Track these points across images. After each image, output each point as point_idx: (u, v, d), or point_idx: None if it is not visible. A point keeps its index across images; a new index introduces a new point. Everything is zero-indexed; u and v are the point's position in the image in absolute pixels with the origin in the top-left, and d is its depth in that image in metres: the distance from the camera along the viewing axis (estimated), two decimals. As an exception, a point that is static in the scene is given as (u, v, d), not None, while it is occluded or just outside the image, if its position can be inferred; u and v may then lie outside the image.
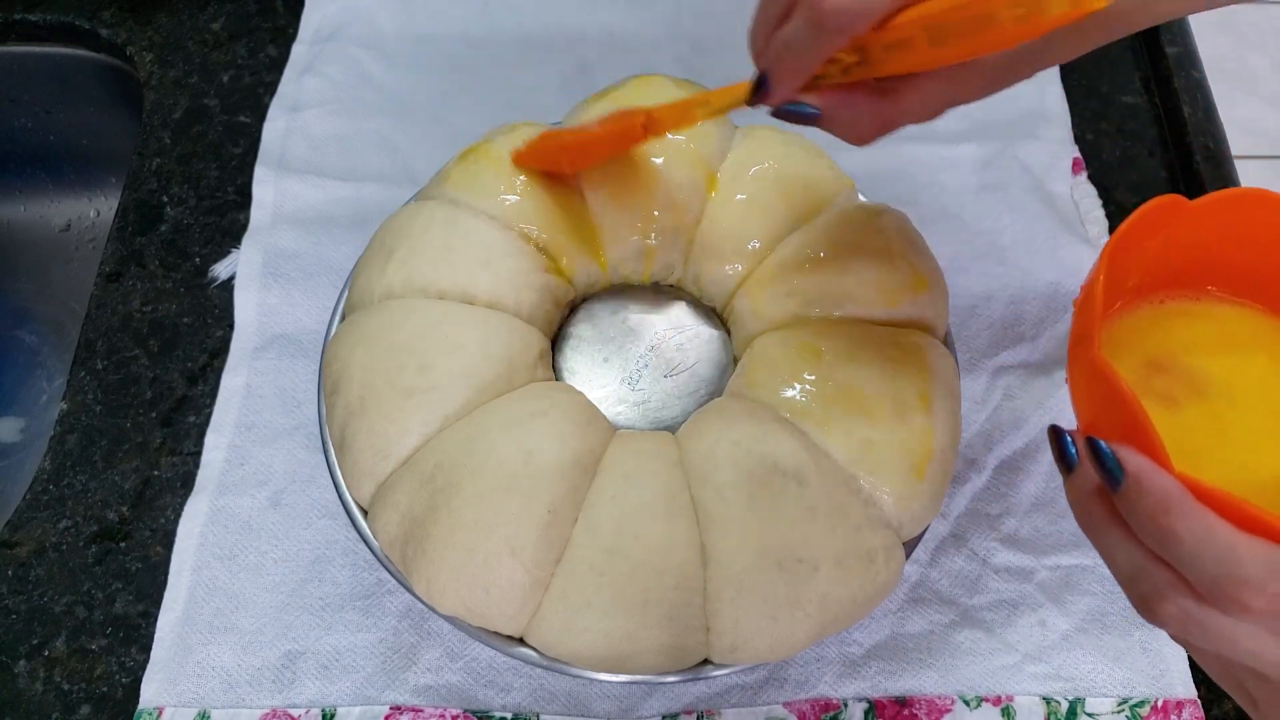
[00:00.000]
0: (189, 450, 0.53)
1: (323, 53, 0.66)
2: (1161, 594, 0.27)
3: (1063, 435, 0.30)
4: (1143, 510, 0.26)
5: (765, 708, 0.46)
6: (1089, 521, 0.29)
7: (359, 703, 0.46)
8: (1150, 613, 0.28)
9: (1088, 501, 0.29)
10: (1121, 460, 0.27)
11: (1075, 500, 0.30)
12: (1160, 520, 0.26)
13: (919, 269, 0.47)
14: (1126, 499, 0.27)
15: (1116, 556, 0.29)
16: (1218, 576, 0.26)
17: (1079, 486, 0.29)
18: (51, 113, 0.73)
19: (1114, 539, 0.28)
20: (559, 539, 0.40)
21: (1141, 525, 0.27)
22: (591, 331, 0.49)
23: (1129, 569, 0.28)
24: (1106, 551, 0.29)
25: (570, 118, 0.51)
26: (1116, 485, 0.27)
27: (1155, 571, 0.27)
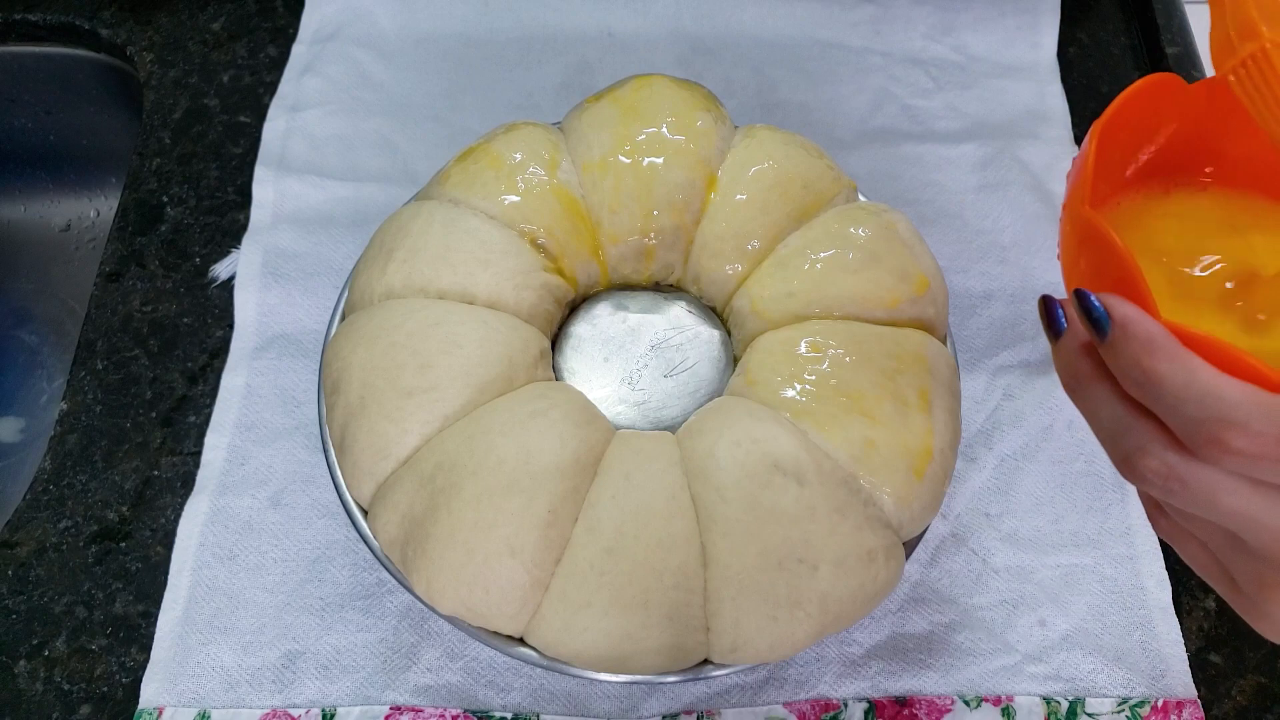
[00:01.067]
0: (189, 450, 0.53)
1: (323, 53, 0.66)
2: (1144, 448, 0.27)
3: (1053, 302, 0.30)
4: (1127, 355, 0.26)
5: (765, 708, 0.46)
6: (1075, 381, 0.29)
7: (359, 703, 0.46)
8: (1132, 469, 0.28)
9: (1074, 360, 0.29)
10: (1109, 307, 0.27)
11: (1062, 362, 0.29)
12: (1144, 362, 0.26)
13: (919, 269, 0.47)
14: (1113, 347, 0.27)
15: (1100, 413, 0.28)
16: (1200, 419, 0.25)
17: (1066, 347, 0.29)
18: (51, 113, 0.73)
19: (1099, 395, 0.28)
20: (559, 539, 0.40)
21: (1126, 371, 0.27)
22: (591, 331, 0.49)
23: (1112, 425, 0.28)
24: (1090, 409, 0.29)
25: (569, 118, 0.52)
26: (1104, 334, 0.27)
27: (1138, 425, 0.27)
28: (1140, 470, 0.27)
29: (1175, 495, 0.27)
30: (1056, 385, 0.54)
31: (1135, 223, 0.33)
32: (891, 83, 0.66)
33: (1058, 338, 0.29)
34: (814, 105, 0.65)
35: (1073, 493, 0.51)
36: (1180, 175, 0.33)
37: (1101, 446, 0.29)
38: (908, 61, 0.66)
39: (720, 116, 0.51)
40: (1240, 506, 0.26)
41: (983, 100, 0.65)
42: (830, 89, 0.66)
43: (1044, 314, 0.30)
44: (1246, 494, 0.26)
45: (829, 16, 0.68)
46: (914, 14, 0.68)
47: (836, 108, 0.65)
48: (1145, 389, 0.26)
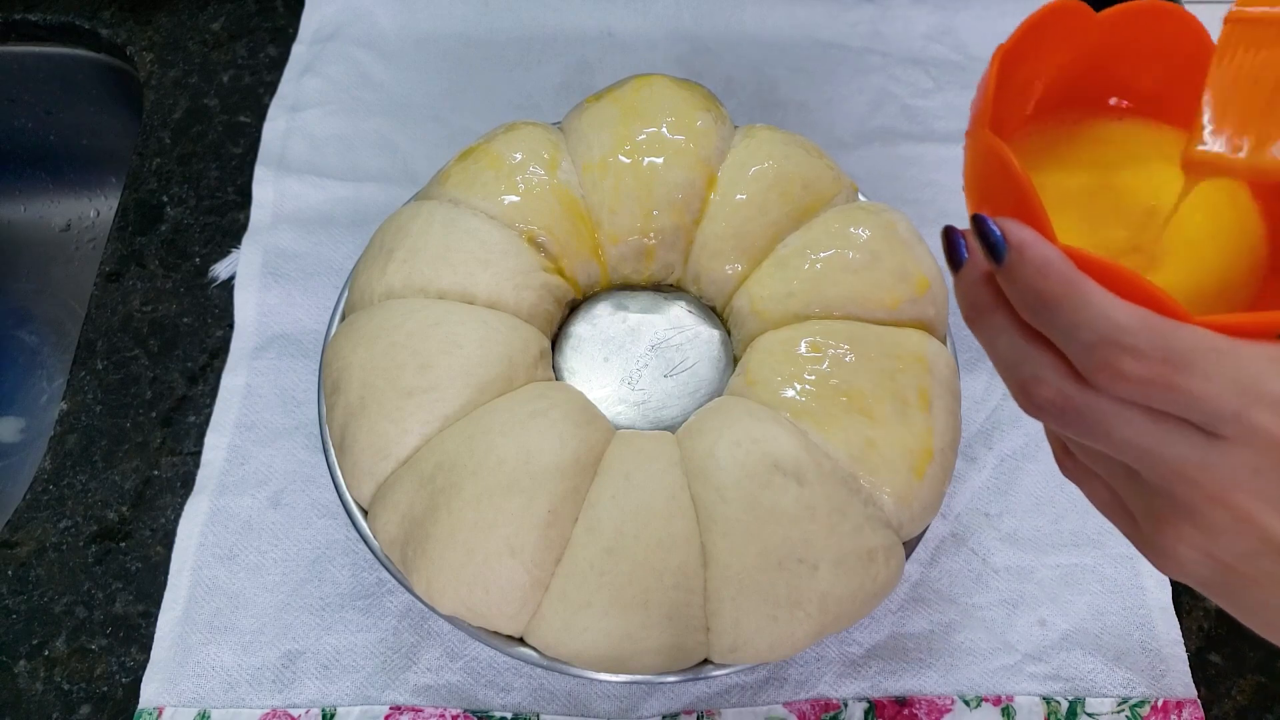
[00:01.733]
0: (189, 450, 0.53)
1: (323, 53, 0.66)
2: (1040, 377, 0.27)
3: (954, 232, 0.29)
4: (1023, 279, 0.26)
5: (765, 708, 0.46)
6: (974, 310, 0.29)
7: (359, 702, 0.46)
8: (1029, 399, 0.27)
9: (974, 288, 0.28)
10: (1005, 231, 0.26)
11: (962, 293, 0.29)
12: (1039, 286, 0.25)
13: (919, 269, 0.47)
14: (1009, 271, 0.26)
15: (998, 342, 0.28)
16: (1094, 342, 0.25)
17: (967, 277, 0.29)
18: (52, 113, 0.73)
19: (997, 324, 0.28)
20: (559, 539, 0.40)
21: (1021, 296, 0.26)
22: (591, 331, 0.49)
23: (1009, 354, 0.28)
24: (989, 339, 0.28)
25: (570, 117, 0.52)
26: (1000, 258, 0.26)
27: (1035, 353, 0.27)
28: (1036, 399, 0.27)
29: (1071, 425, 0.27)
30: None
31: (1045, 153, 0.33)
32: (891, 83, 0.66)
33: (958, 268, 0.29)
34: (814, 105, 0.65)
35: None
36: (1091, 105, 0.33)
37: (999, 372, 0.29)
38: (908, 61, 0.66)
39: (720, 116, 0.51)
40: (1134, 436, 0.26)
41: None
42: (830, 89, 0.66)
43: (946, 244, 0.29)
44: (1140, 424, 0.26)
45: (829, 16, 0.68)
46: (914, 14, 0.68)
47: (836, 108, 0.65)
48: (1039, 313, 0.26)
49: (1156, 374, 0.25)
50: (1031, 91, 0.32)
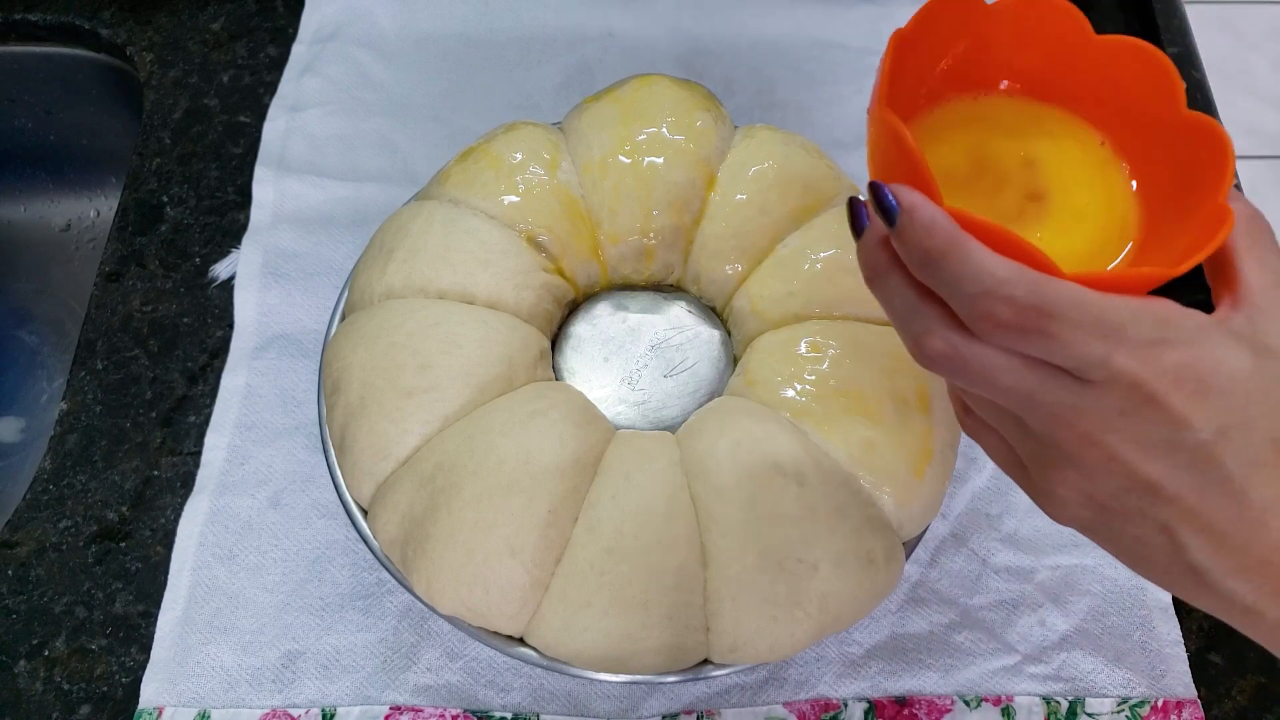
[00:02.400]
0: (189, 450, 0.53)
1: (323, 53, 0.66)
2: (930, 330, 0.29)
3: (858, 203, 0.31)
4: (912, 239, 0.28)
5: (765, 708, 0.46)
6: (873, 271, 0.30)
7: (359, 702, 0.46)
8: (921, 350, 0.29)
9: (873, 252, 0.30)
10: (897, 196, 0.28)
11: (863, 256, 0.31)
12: (925, 243, 0.27)
13: (919, 269, 0.47)
14: (900, 233, 0.28)
15: (894, 300, 0.30)
16: (975, 294, 0.27)
17: (867, 242, 0.30)
18: (52, 113, 0.73)
19: (892, 283, 0.30)
20: (559, 539, 0.40)
21: (910, 253, 0.28)
22: (591, 331, 0.49)
23: (904, 310, 0.29)
24: (886, 297, 0.30)
25: (570, 118, 0.52)
26: (893, 221, 0.28)
27: (925, 308, 0.29)
28: (927, 350, 0.29)
29: (959, 374, 0.29)
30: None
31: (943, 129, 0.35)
32: (891, 83, 0.66)
33: (860, 235, 0.31)
34: (814, 105, 0.65)
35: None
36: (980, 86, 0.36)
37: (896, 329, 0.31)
38: (908, 61, 0.66)
39: (720, 116, 0.51)
40: (1015, 383, 0.28)
41: (983, 100, 0.65)
42: (830, 89, 0.66)
43: (850, 214, 0.31)
44: (1020, 371, 0.28)
45: (828, 16, 0.68)
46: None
47: (836, 108, 0.65)
48: (927, 269, 0.28)
49: (1031, 322, 0.26)
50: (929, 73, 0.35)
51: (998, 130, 0.35)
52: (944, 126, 0.36)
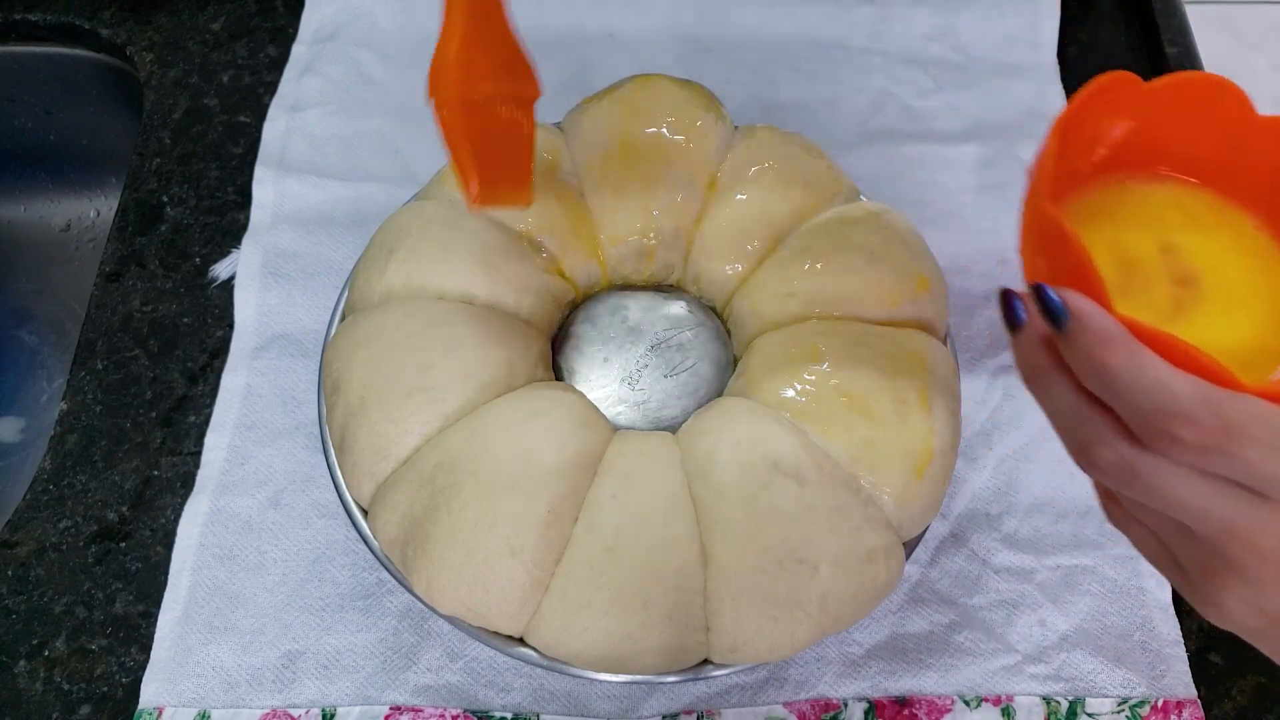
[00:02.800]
0: (189, 450, 0.53)
1: (323, 53, 0.66)
2: (1099, 438, 0.28)
3: (1012, 295, 0.30)
4: (1083, 348, 0.27)
5: (765, 708, 0.46)
6: (1033, 372, 0.30)
7: (359, 703, 0.46)
8: (1087, 460, 0.29)
9: (1033, 352, 0.30)
10: (1065, 301, 0.27)
11: (1021, 355, 0.30)
12: (1098, 355, 0.27)
13: (919, 269, 0.47)
14: (1069, 339, 0.27)
15: (1058, 404, 0.29)
16: (1150, 410, 0.26)
17: (1025, 340, 0.30)
18: (52, 113, 0.73)
19: (1056, 386, 0.29)
20: (559, 539, 0.40)
21: (1081, 363, 0.27)
22: (591, 331, 0.49)
23: (1069, 416, 0.29)
24: (1048, 400, 0.30)
25: (570, 118, 0.52)
26: (1061, 327, 0.28)
27: (1094, 416, 0.28)
28: (1095, 461, 0.28)
29: (1128, 485, 0.28)
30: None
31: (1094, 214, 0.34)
32: (891, 83, 0.66)
33: (1016, 330, 0.30)
34: (814, 105, 0.65)
35: (1072, 493, 0.51)
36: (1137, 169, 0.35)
37: (1058, 434, 0.30)
38: (908, 62, 0.66)
39: (720, 116, 0.51)
40: (1189, 497, 0.27)
41: (983, 100, 0.65)
42: (830, 89, 0.66)
43: (1003, 307, 0.30)
44: (1195, 485, 0.27)
45: (829, 16, 0.68)
46: (914, 14, 0.68)
47: (836, 108, 0.65)
48: (1099, 381, 0.27)
49: (1212, 441, 0.26)
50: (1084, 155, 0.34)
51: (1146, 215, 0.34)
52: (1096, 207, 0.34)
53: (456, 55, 0.36)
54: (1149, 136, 0.34)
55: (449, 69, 0.37)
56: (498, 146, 0.40)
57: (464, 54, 0.36)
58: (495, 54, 0.38)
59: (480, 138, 0.39)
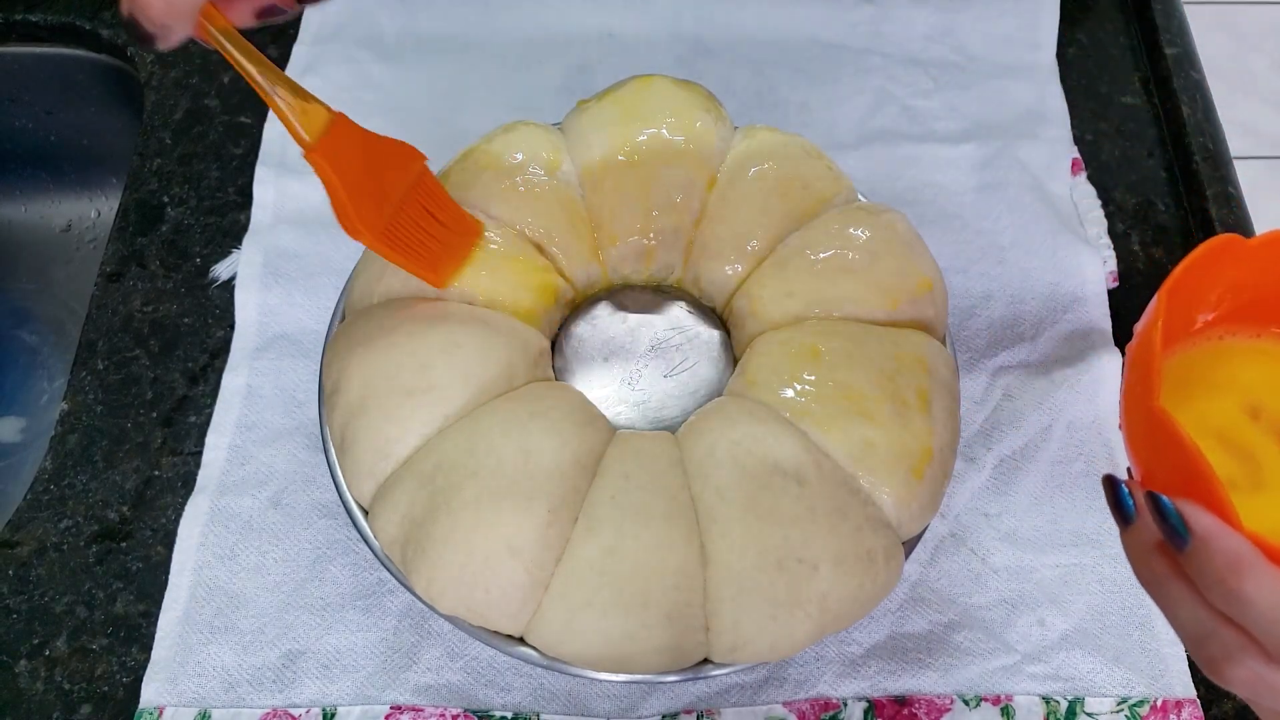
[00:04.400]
0: (190, 450, 0.53)
1: (323, 53, 0.67)
2: (1232, 656, 0.26)
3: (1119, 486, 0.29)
4: (1212, 572, 0.25)
5: (765, 707, 0.46)
6: (1150, 577, 0.28)
7: (359, 702, 0.46)
8: (1219, 674, 0.27)
9: (1148, 557, 0.28)
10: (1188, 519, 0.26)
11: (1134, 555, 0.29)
12: (1231, 583, 0.25)
13: (918, 269, 0.47)
14: (1194, 559, 0.26)
15: (1181, 615, 0.28)
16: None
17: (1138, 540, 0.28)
18: (52, 113, 0.73)
19: (1179, 597, 0.27)
20: (559, 539, 0.40)
21: (1210, 587, 0.26)
22: (591, 331, 0.49)
23: (1196, 630, 0.27)
24: (1170, 609, 0.28)
25: (570, 118, 0.52)
26: (1183, 545, 0.26)
27: (1225, 633, 0.26)
28: (1229, 678, 0.27)
29: (1264, 699, 0.27)
30: (1056, 385, 0.54)
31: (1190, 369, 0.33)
32: (891, 83, 0.66)
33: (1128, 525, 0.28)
34: (814, 105, 0.65)
35: (1072, 492, 0.51)
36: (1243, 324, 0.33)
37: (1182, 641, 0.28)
38: (908, 62, 0.67)
39: (720, 116, 0.51)
40: None
41: (982, 100, 0.65)
42: (830, 89, 0.66)
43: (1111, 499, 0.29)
44: None
45: (829, 17, 0.68)
46: (914, 14, 0.68)
47: (836, 108, 0.65)
48: (1232, 606, 0.26)
49: None
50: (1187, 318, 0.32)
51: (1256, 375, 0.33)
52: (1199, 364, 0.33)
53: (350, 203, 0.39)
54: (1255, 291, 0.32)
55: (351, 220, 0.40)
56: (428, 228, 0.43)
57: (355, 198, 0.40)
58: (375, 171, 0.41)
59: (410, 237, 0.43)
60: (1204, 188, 0.60)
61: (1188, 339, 0.33)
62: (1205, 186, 0.60)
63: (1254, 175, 1.35)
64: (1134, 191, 0.62)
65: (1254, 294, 0.32)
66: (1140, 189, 0.62)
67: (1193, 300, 0.32)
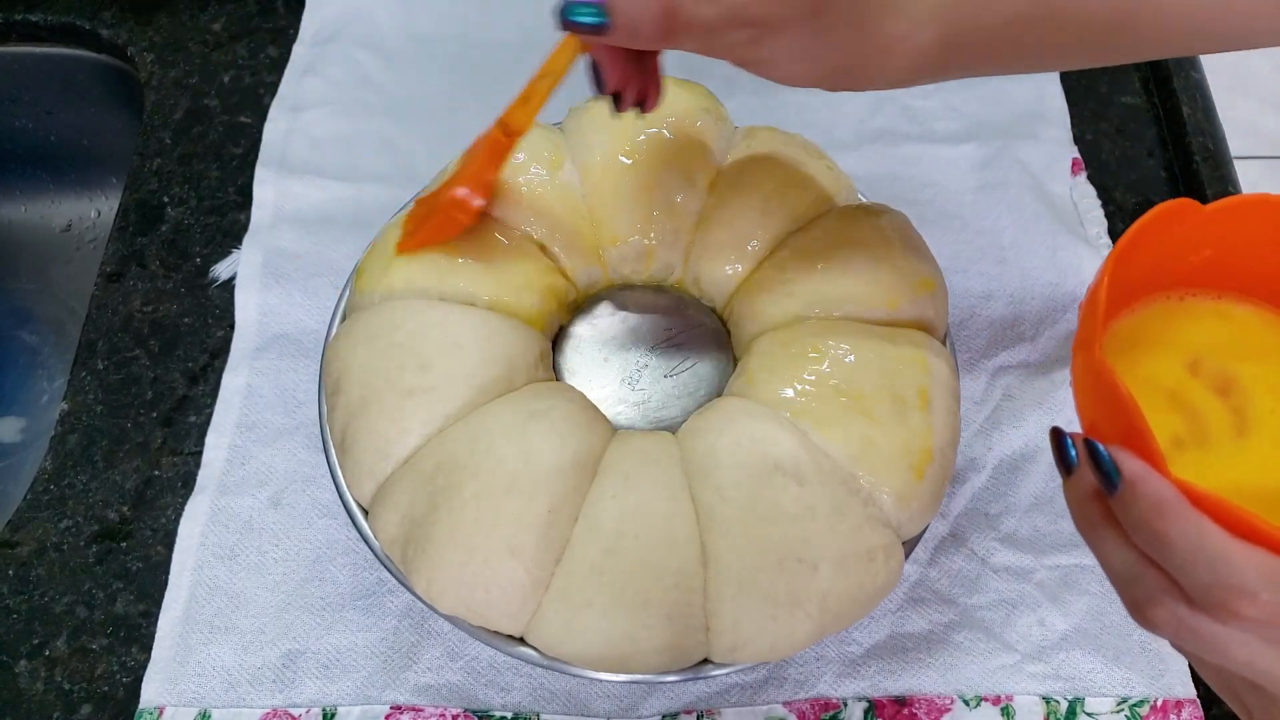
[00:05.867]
0: (190, 450, 0.53)
1: (323, 53, 0.67)
2: (1154, 599, 0.27)
3: (1063, 437, 0.30)
4: (1137, 514, 0.27)
5: (765, 707, 0.46)
6: (1086, 523, 0.30)
7: (359, 702, 0.46)
8: (1143, 617, 0.28)
9: (1085, 503, 0.29)
10: (1118, 464, 0.27)
11: (1073, 501, 0.30)
12: (1154, 524, 0.26)
13: (918, 269, 0.47)
14: (1122, 502, 0.27)
15: (1111, 559, 0.29)
16: (1210, 584, 0.26)
17: (1077, 488, 0.29)
18: (52, 113, 0.74)
19: (1109, 542, 0.29)
20: (559, 539, 0.40)
21: (1136, 529, 0.27)
22: (591, 331, 0.49)
23: (1123, 572, 0.28)
24: (1102, 554, 0.29)
25: (570, 118, 0.52)
26: (1113, 488, 0.27)
27: (1149, 576, 0.27)
28: (1152, 620, 0.28)
29: (1186, 644, 0.27)
30: (1056, 385, 0.54)
31: (1146, 332, 0.33)
32: (891, 83, 0.66)
33: (1068, 473, 0.30)
34: (814, 105, 0.65)
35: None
36: (1195, 286, 0.34)
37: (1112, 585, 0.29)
38: (907, 62, 0.66)
39: (720, 116, 0.51)
40: (1251, 658, 0.26)
41: (982, 100, 0.65)
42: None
43: (1055, 448, 0.30)
44: (1257, 648, 0.26)
45: (829, 17, 0.68)
46: (914, 14, 0.68)
47: (836, 108, 0.65)
48: (1155, 549, 0.27)
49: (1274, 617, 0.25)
50: (1140, 279, 0.33)
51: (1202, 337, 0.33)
52: (1151, 325, 0.33)
53: None
54: (1206, 258, 0.33)
55: None
56: None
57: None
58: None
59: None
60: (1204, 188, 0.60)
61: (1146, 300, 0.34)
62: (1205, 186, 0.60)
63: (1254, 175, 1.35)
64: (1134, 191, 0.62)
65: (1213, 256, 0.33)
66: (1140, 189, 0.62)
67: (1148, 262, 0.32)
